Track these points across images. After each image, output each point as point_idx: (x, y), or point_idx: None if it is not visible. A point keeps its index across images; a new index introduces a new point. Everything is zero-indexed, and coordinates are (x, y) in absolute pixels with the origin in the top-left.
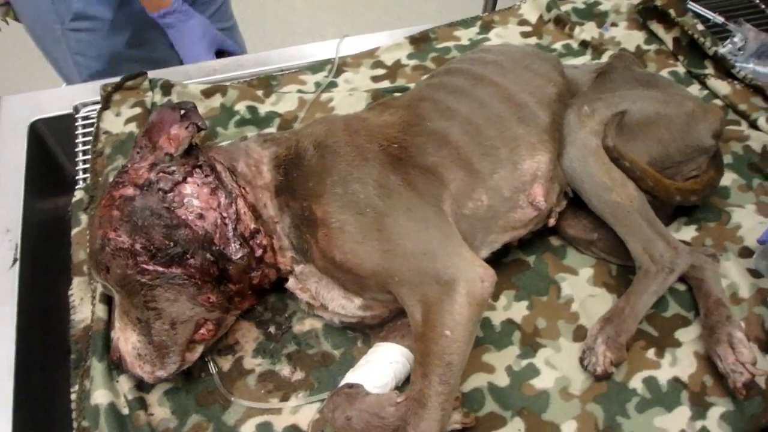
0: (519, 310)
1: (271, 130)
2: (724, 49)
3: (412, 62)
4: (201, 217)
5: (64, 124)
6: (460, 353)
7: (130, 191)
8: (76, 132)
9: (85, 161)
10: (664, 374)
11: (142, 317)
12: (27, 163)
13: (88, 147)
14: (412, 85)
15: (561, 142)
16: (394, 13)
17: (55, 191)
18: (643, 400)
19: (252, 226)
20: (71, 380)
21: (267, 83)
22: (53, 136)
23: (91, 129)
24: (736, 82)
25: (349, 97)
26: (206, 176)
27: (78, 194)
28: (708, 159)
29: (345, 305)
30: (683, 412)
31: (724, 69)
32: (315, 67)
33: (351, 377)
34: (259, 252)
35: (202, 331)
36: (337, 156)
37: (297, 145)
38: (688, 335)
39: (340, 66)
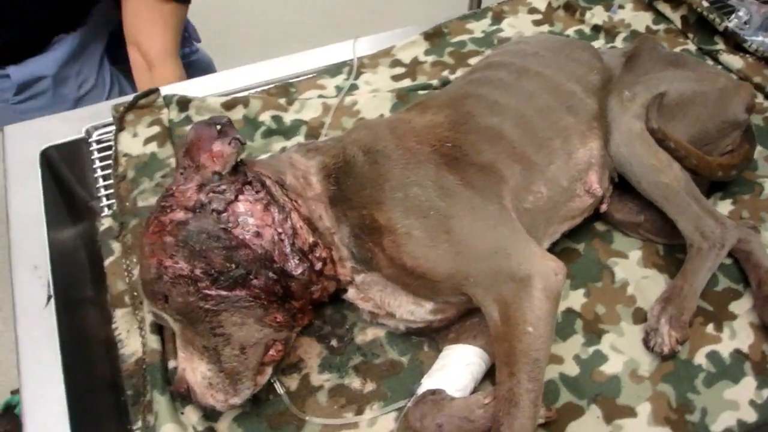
0: (577, 299)
1: (299, 138)
2: (730, 24)
3: (430, 58)
4: (258, 235)
5: (75, 150)
6: (544, 348)
7: (180, 215)
8: (92, 157)
9: (107, 187)
10: (725, 347)
11: (209, 345)
12: (44, 193)
13: (108, 172)
14: (434, 82)
15: (606, 129)
16: (378, 13)
17: (72, 220)
18: (709, 374)
19: (310, 239)
20: (131, 417)
21: (286, 91)
22: (65, 162)
23: (108, 152)
24: (747, 55)
25: (373, 98)
26: (257, 192)
27: (106, 222)
28: (741, 133)
29: (414, 311)
30: (749, 382)
31: (735, 43)
32: (332, 71)
33: (429, 383)
34: (318, 265)
35: (272, 352)
36: (390, 160)
37: (344, 152)
38: (742, 307)
39: (358, 68)
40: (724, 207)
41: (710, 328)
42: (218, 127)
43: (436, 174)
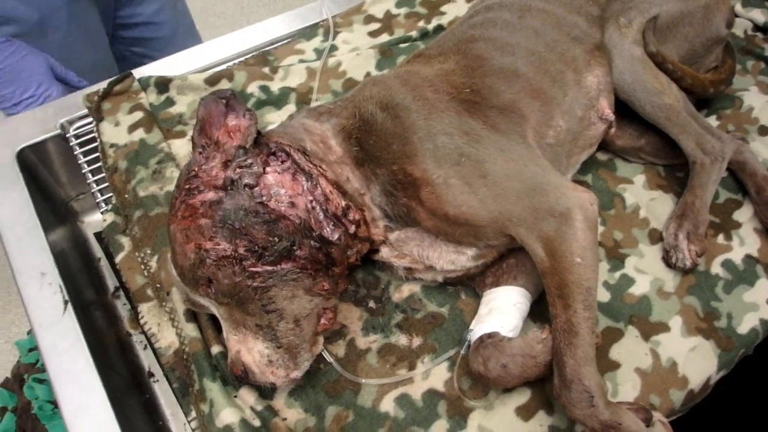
0: None
1: (290, 106)
2: None
3: (402, 10)
4: (293, 205)
5: (50, 148)
6: (594, 276)
7: (211, 195)
8: (75, 152)
9: (98, 181)
10: (737, 255)
11: (262, 323)
12: (30, 196)
13: (96, 166)
14: (413, 34)
15: (609, 57)
16: None
17: (58, 222)
18: (727, 281)
19: (342, 203)
20: (183, 408)
21: (264, 59)
22: (42, 163)
23: (91, 146)
24: None
25: (356, 57)
26: (282, 162)
27: (108, 218)
28: (722, 48)
29: (455, 259)
30: (763, 284)
31: None
32: (307, 34)
33: (481, 328)
34: (352, 228)
35: (323, 321)
36: (411, 113)
37: (359, 111)
38: (744, 215)
39: (333, 28)
40: (711, 122)
41: (720, 239)
42: (224, 100)
43: (459, 121)
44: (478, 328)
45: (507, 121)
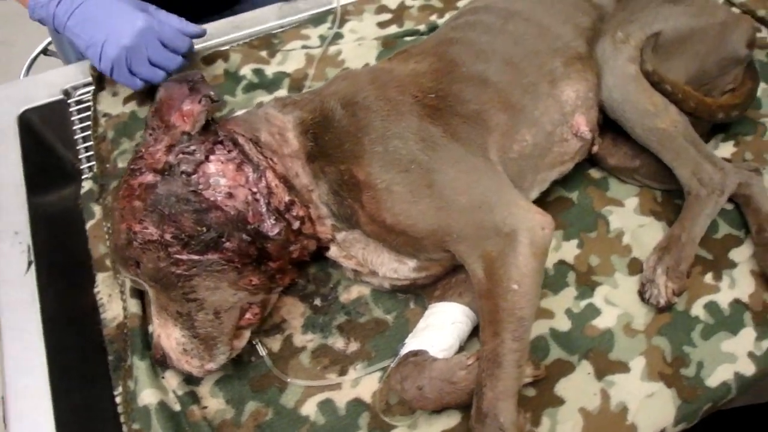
0: (570, 250)
1: (282, 91)
2: None
3: (418, 2)
4: (230, 196)
5: (56, 111)
6: (530, 306)
7: (149, 178)
8: (72, 118)
9: (87, 148)
10: (724, 297)
11: (182, 310)
12: (23, 157)
13: (88, 133)
14: (421, 27)
15: (598, 72)
16: None
17: (57, 183)
18: (707, 326)
19: (286, 198)
20: (113, 382)
21: (269, 42)
22: (46, 125)
23: (88, 113)
24: None
25: (358, 47)
26: (229, 152)
27: (86, 185)
28: (742, 69)
29: (397, 268)
30: (748, 333)
31: None
32: (316, 20)
33: (413, 344)
34: (296, 224)
35: (248, 315)
36: (370, 112)
37: (322, 106)
38: (743, 254)
39: (343, 15)
40: (726, 149)
41: (709, 278)
42: (190, 83)
43: (419, 126)
44: (410, 343)
45: (469, 131)
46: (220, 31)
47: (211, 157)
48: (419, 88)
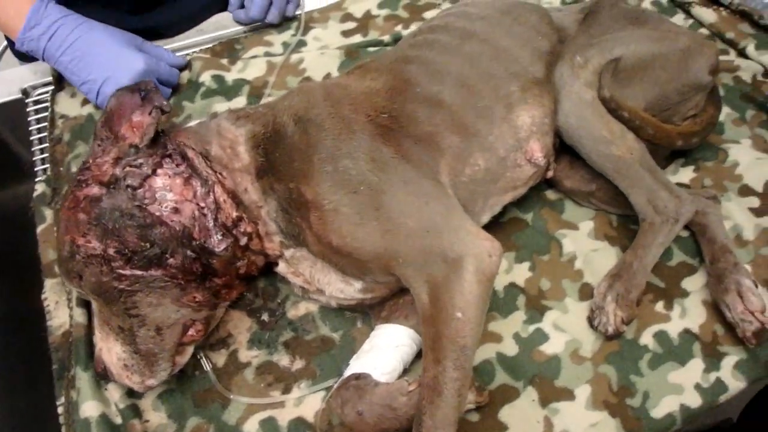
0: (521, 272)
1: (241, 98)
2: None
3: (383, 12)
4: (176, 211)
5: (14, 110)
6: (473, 335)
7: (95, 190)
8: (29, 118)
9: (42, 150)
10: (674, 327)
11: (124, 326)
12: None
13: (45, 134)
14: (386, 38)
15: (555, 96)
16: None
17: (12, 182)
18: (655, 356)
19: (234, 214)
20: (56, 392)
21: (231, 48)
22: (4, 123)
23: (46, 114)
24: (722, 8)
25: (321, 56)
26: (177, 165)
27: (39, 187)
28: (705, 96)
29: (344, 289)
30: (696, 364)
31: None
32: (280, 26)
33: (356, 366)
34: (243, 240)
35: (191, 332)
36: (322, 130)
37: (275, 120)
38: (695, 284)
39: (307, 22)
40: (686, 174)
41: (660, 306)
42: (142, 92)
43: (370, 146)
44: (354, 365)
45: (421, 153)
46: (184, 36)
47: (159, 171)
48: (373, 107)
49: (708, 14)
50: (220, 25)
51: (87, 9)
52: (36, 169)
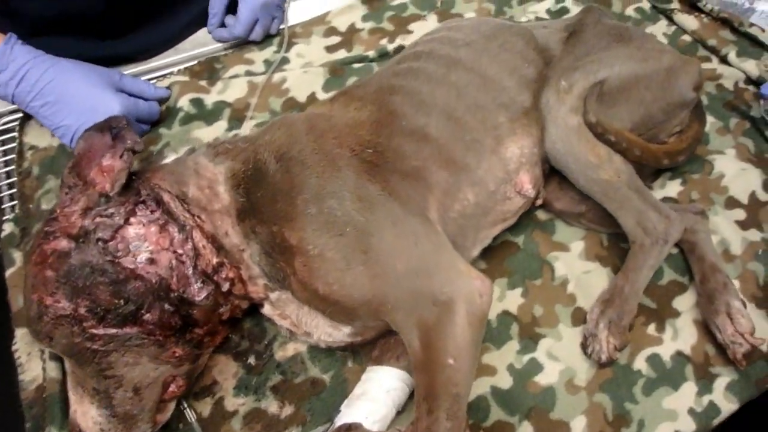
0: (514, 299)
1: (221, 122)
2: None
3: (368, 25)
4: (152, 262)
5: None
6: (465, 382)
7: (63, 244)
8: None
9: (10, 185)
10: (666, 349)
11: (99, 387)
12: None
13: (12, 168)
14: (370, 53)
15: (542, 122)
16: None
17: None
18: (648, 380)
19: (214, 260)
20: None
21: (211, 67)
22: None
23: (13, 145)
24: (703, 15)
25: (304, 74)
26: (152, 212)
27: (7, 227)
28: (689, 112)
29: (332, 333)
30: (689, 388)
31: (690, 2)
32: (261, 43)
33: (347, 414)
34: (225, 286)
35: (172, 388)
36: (305, 168)
37: (255, 157)
38: (686, 303)
39: (290, 38)
40: (673, 187)
41: (652, 329)
42: (114, 131)
43: (356, 183)
44: (344, 412)
45: (408, 189)
46: (161, 56)
47: (132, 220)
48: (357, 141)
49: (690, 21)
50: (198, 43)
51: (57, 40)
52: (3, 206)
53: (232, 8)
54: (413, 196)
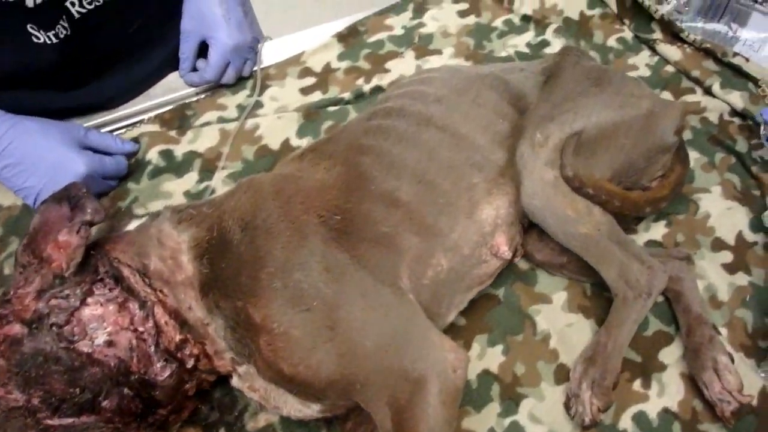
0: (495, 357)
1: (192, 174)
2: (668, 6)
3: (344, 64)
4: (111, 344)
5: None
6: None
7: (16, 330)
8: None
9: None
10: (653, 407)
11: None
12: None
13: None
14: (346, 95)
15: (518, 177)
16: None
17: None
18: None
19: (177, 337)
20: None
21: (182, 114)
22: None
23: None
24: (686, 45)
25: (278, 120)
26: (110, 290)
27: None
28: (671, 155)
29: (302, 410)
30: None
31: (672, 32)
32: (234, 86)
33: None
34: (190, 362)
35: None
36: (271, 238)
37: (220, 225)
38: (673, 355)
39: (264, 80)
40: (658, 230)
41: (637, 384)
42: (72, 200)
43: (323, 252)
44: None
45: (379, 257)
46: (130, 104)
47: (89, 300)
48: (326, 206)
49: (673, 51)
50: (170, 88)
51: (16, 94)
52: None
53: (203, 51)
54: (384, 264)
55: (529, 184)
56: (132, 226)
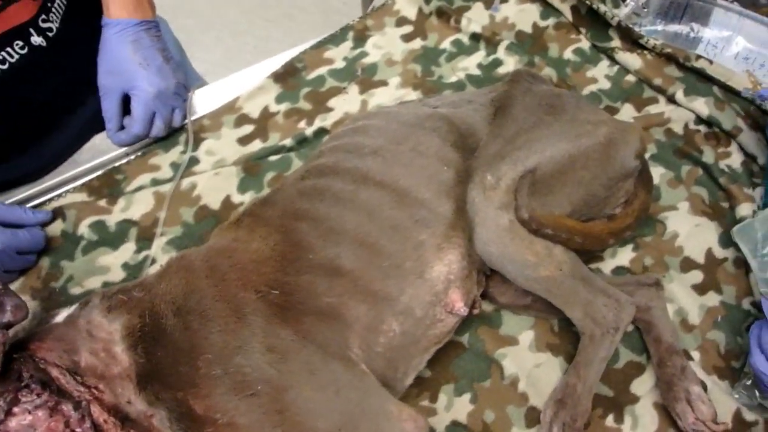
0: (463, 407)
1: (129, 245)
2: (626, 9)
3: (283, 107)
4: None
5: None
6: None
7: None
8: None
9: None
10: None
11: None
12: None
13: None
14: (287, 142)
15: (470, 225)
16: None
17: None
18: None
19: None
20: None
21: (111, 180)
22: None
23: None
24: (646, 52)
25: (216, 176)
26: (38, 395)
27: None
28: (633, 179)
29: None
30: None
31: (631, 39)
32: (166, 143)
33: None
34: None
35: None
36: (206, 321)
37: (153, 310)
38: (644, 386)
39: (197, 133)
40: (625, 255)
41: (610, 420)
42: None
43: (265, 331)
44: None
45: (325, 330)
46: (55, 173)
47: (15, 410)
48: (263, 281)
49: (633, 59)
50: (98, 150)
51: None
52: None
53: (127, 108)
54: (331, 337)
55: (482, 232)
56: (61, 317)
